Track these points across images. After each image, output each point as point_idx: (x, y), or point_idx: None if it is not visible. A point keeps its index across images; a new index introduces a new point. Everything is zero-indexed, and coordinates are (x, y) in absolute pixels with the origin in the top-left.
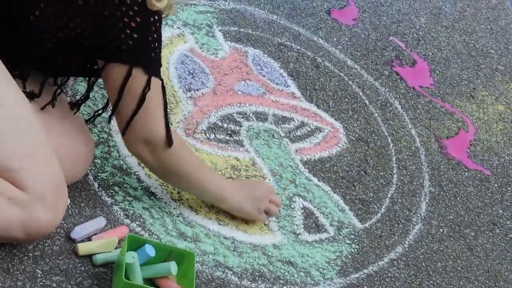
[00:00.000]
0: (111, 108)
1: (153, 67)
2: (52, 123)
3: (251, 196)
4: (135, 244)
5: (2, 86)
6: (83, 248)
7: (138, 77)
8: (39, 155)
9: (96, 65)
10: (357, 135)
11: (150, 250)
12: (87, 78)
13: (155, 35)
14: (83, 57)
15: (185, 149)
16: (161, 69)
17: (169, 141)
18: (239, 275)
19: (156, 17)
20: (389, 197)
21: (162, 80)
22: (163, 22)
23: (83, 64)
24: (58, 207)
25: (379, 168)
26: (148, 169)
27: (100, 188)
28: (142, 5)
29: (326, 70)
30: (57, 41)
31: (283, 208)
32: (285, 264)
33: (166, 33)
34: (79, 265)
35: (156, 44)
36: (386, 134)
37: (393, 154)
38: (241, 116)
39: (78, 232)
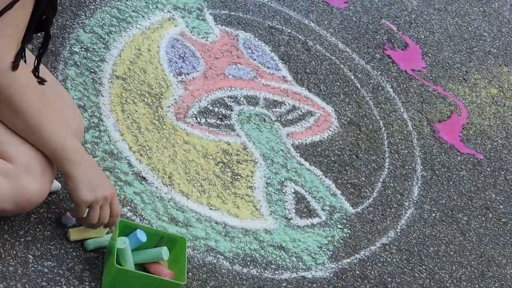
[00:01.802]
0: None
1: None
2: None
3: (93, 184)
4: (127, 229)
5: None
6: (75, 233)
7: None
8: None
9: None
10: (348, 119)
11: (141, 235)
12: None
13: None
14: None
15: (34, 86)
16: (145, 48)
17: (14, 64)
18: (230, 260)
19: None
20: (381, 182)
21: (39, 14)
22: (153, 6)
23: None
24: (45, 176)
25: (371, 152)
26: None
27: None
28: None
29: (318, 54)
30: None
31: (274, 192)
32: (276, 249)
33: (157, 16)
34: (71, 250)
35: None
36: (378, 118)
37: (385, 138)
38: (232, 100)
39: (70, 217)
